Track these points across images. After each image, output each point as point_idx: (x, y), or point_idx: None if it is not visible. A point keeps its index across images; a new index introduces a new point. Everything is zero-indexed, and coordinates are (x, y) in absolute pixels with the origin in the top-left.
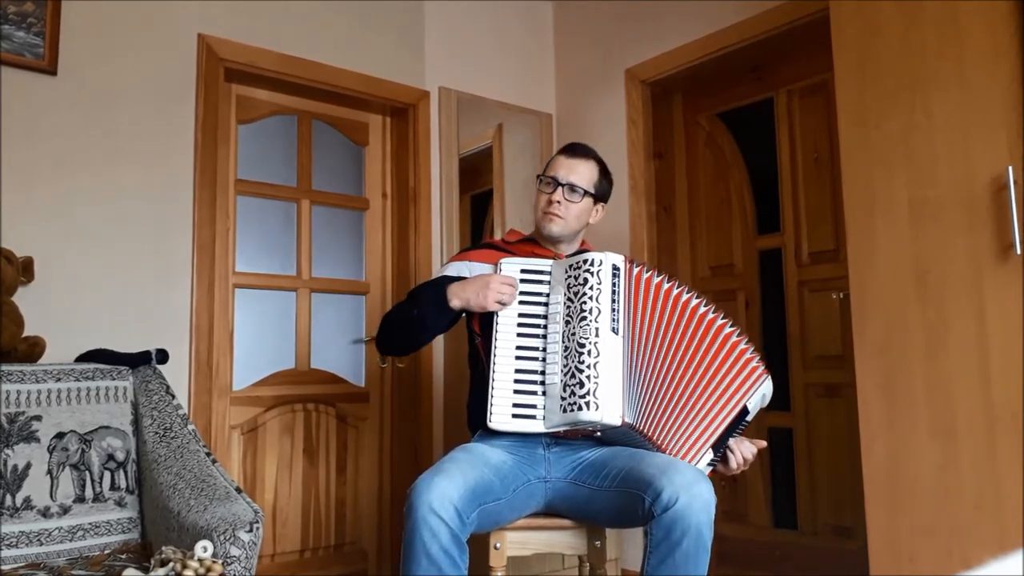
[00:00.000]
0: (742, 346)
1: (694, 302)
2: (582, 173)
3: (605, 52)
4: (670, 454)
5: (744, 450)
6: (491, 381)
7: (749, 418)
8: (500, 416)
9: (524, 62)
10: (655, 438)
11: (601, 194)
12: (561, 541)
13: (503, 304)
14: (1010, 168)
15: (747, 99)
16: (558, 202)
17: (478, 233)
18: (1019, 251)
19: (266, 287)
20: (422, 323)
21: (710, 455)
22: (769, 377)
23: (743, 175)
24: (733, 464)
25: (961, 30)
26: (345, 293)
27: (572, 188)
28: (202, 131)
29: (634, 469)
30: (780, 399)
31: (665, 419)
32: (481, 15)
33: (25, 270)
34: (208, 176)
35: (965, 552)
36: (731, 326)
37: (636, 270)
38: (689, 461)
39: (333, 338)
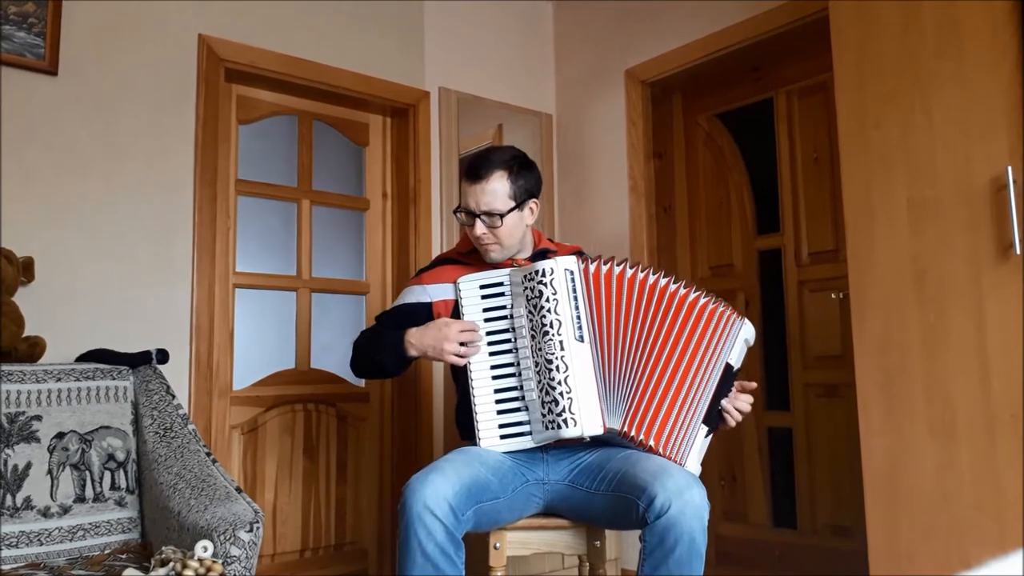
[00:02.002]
0: (705, 302)
1: (662, 282)
2: (493, 194)
3: (605, 52)
4: (665, 448)
5: (740, 404)
6: (473, 404)
7: (737, 370)
8: (489, 439)
9: (524, 62)
10: (644, 439)
11: (524, 196)
12: (561, 541)
13: (462, 357)
14: (1010, 168)
15: (747, 99)
16: (484, 233)
17: None
18: (1019, 251)
19: (266, 287)
20: (383, 367)
21: (704, 429)
22: (745, 320)
23: (743, 175)
24: (732, 423)
25: (961, 30)
26: (345, 293)
27: (490, 214)
28: (202, 131)
29: (628, 473)
30: (780, 399)
31: (650, 412)
32: (481, 15)
33: (25, 270)
34: (208, 176)
35: (965, 552)
36: (704, 296)
37: (593, 267)
38: (685, 443)
39: (333, 338)
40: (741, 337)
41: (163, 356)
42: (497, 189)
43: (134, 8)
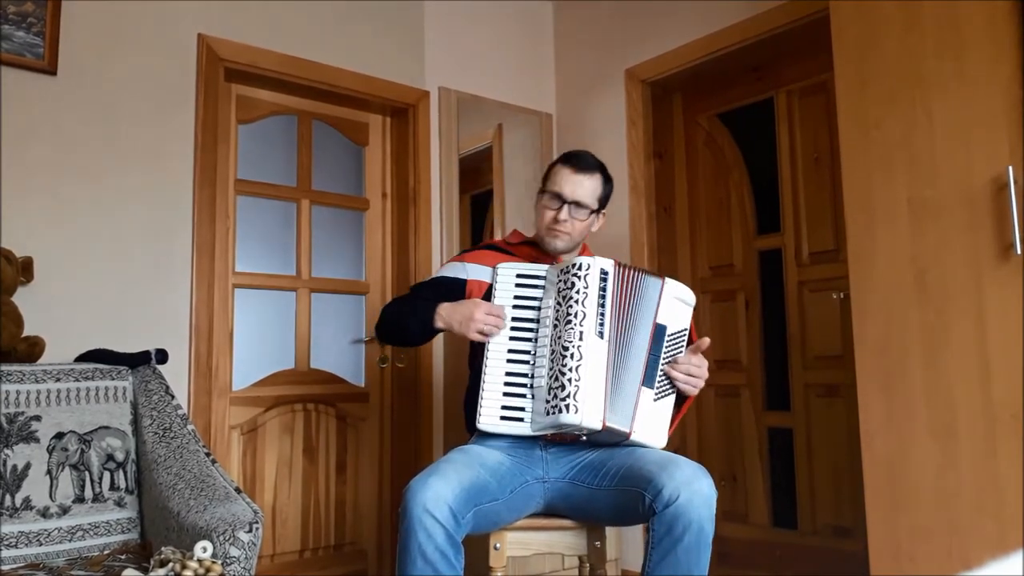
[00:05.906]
0: (626, 273)
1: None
2: (588, 189)
3: (605, 52)
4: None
5: (683, 367)
6: (482, 383)
7: (676, 330)
8: (488, 418)
9: (524, 62)
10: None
11: (602, 204)
12: (561, 541)
13: (486, 336)
14: (1010, 168)
15: (747, 99)
16: (564, 220)
17: (478, 234)
18: (1019, 251)
19: (266, 287)
20: (410, 334)
21: (648, 392)
22: (666, 279)
23: (743, 175)
24: (685, 388)
25: (961, 30)
26: (345, 293)
27: (579, 206)
28: (202, 131)
29: (633, 467)
30: (780, 399)
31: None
32: (481, 15)
33: (25, 270)
34: (208, 176)
35: (965, 552)
36: (635, 272)
37: (624, 273)
38: (621, 407)
39: (333, 338)
40: (667, 296)
41: (162, 356)
42: (593, 187)
43: (134, 8)
